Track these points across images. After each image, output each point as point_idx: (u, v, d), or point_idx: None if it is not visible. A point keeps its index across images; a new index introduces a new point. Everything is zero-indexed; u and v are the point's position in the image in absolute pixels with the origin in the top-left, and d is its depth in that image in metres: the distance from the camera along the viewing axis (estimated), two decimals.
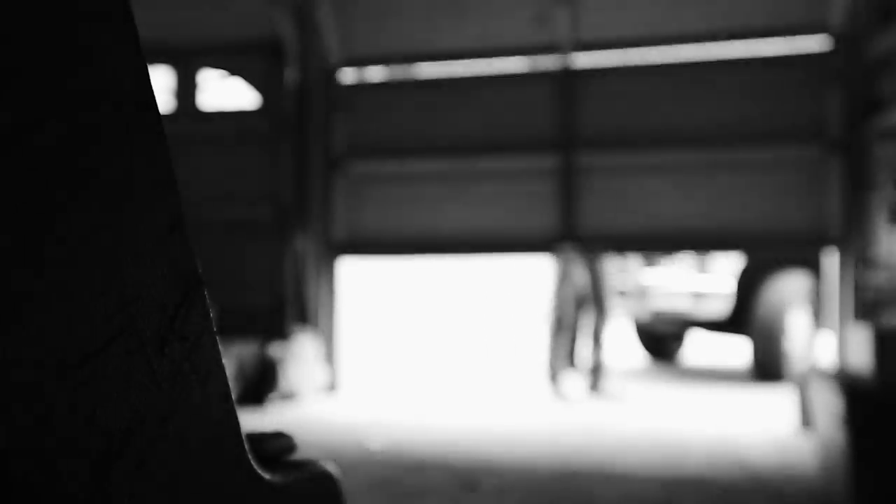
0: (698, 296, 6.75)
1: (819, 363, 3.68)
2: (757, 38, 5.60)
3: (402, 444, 4.18)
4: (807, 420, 4.32)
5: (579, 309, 5.82)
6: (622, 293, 7.23)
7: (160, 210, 0.62)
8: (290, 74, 5.99)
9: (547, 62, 5.96)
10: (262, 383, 5.42)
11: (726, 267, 6.76)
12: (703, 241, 5.68)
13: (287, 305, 5.97)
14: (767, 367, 6.45)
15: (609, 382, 5.89)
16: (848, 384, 2.73)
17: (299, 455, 0.94)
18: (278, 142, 6.08)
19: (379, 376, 7.17)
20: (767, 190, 5.49)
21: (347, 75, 6.27)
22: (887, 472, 2.66)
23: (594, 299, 5.79)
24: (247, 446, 0.77)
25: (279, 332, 5.91)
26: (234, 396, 0.73)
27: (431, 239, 6.08)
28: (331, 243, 6.14)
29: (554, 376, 5.81)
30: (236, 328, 5.94)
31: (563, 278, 5.76)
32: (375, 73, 6.36)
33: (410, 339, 11.60)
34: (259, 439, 0.84)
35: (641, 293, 7.10)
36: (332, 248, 6.15)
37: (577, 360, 5.94)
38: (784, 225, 5.47)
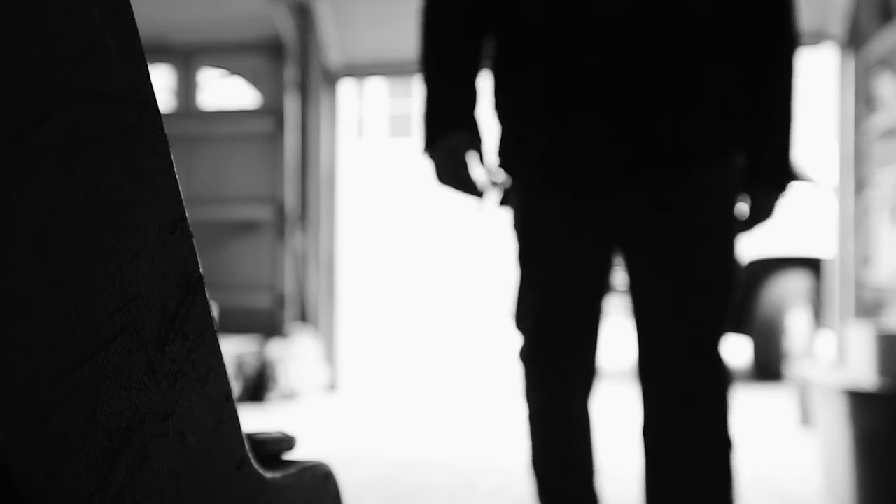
0: None
1: (819, 363, 3.68)
2: None
3: (402, 442, 4.18)
4: (807, 420, 4.33)
5: None
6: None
7: (161, 209, 0.62)
8: (290, 73, 5.99)
9: None
10: (261, 382, 5.42)
11: None
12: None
13: (287, 305, 5.97)
14: (767, 367, 6.44)
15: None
16: (848, 384, 2.73)
17: (299, 454, 0.95)
18: (278, 141, 6.08)
19: (379, 375, 7.17)
20: None
21: None
22: (888, 472, 2.66)
23: None
24: (247, 445, 0.77)
25: (279, 331, 5.91)
26: (234, 395, 0.73)
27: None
28: (327, 70, 6.08)
29: None
30: (236, 328, 5.94)
31: None
32: None
33: (410, 333, 11.60)
34: (259, 438, 0.84)
35: None
36: (328, 74, 6.09)
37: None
38: None
